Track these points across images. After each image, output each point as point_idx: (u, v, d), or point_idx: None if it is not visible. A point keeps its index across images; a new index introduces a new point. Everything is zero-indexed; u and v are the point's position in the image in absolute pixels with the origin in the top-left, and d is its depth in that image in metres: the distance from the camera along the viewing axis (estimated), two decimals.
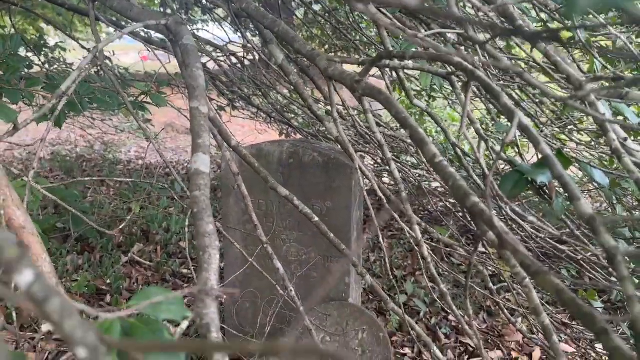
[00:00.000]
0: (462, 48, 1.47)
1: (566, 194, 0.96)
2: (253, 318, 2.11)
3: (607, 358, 2.30)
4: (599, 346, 2.32)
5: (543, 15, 1.48)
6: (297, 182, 1.94)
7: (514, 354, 2.45)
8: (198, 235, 0.89)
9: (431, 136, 4.38)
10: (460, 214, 3.15)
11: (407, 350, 2.40)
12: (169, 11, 3.37)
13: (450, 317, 2.65)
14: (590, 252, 1.25)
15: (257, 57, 2.73)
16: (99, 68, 3.68)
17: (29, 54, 2.87)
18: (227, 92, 3.33)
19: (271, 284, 1.77)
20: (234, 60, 2.98)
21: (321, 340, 1.92)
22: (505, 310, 1.85)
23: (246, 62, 3.02)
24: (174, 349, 0.34)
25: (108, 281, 2.72)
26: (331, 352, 0.25)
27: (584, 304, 0.57)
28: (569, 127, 2.51)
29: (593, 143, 2.56)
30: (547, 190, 0.97)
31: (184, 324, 0.85)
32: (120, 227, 1.34)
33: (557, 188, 0.98)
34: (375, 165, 3.87)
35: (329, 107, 1.33)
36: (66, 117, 1.57)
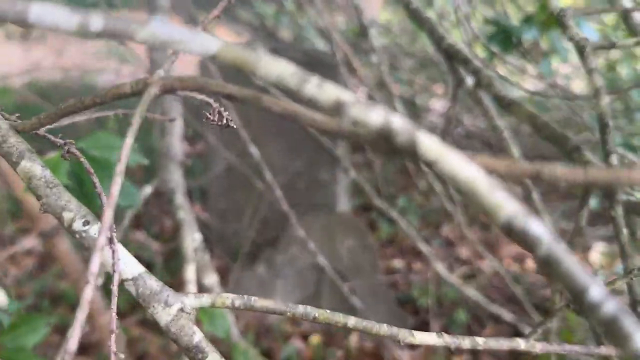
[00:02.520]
0: None
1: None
2: (238, 228, 2.10)
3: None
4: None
5: None
6: None
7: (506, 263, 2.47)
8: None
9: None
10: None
11: (396, 262, 2.42)
12: None
13: (442, 232, 2.65)
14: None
15: None
16: None
17: None
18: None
19: (255, 195, 1.74)
20: None
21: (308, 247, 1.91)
22: None
23: None
24: None
25: None
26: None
27: (557, 128, 0.52)
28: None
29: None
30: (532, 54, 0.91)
31: (148, 189, 0.81)
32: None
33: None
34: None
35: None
36: None
